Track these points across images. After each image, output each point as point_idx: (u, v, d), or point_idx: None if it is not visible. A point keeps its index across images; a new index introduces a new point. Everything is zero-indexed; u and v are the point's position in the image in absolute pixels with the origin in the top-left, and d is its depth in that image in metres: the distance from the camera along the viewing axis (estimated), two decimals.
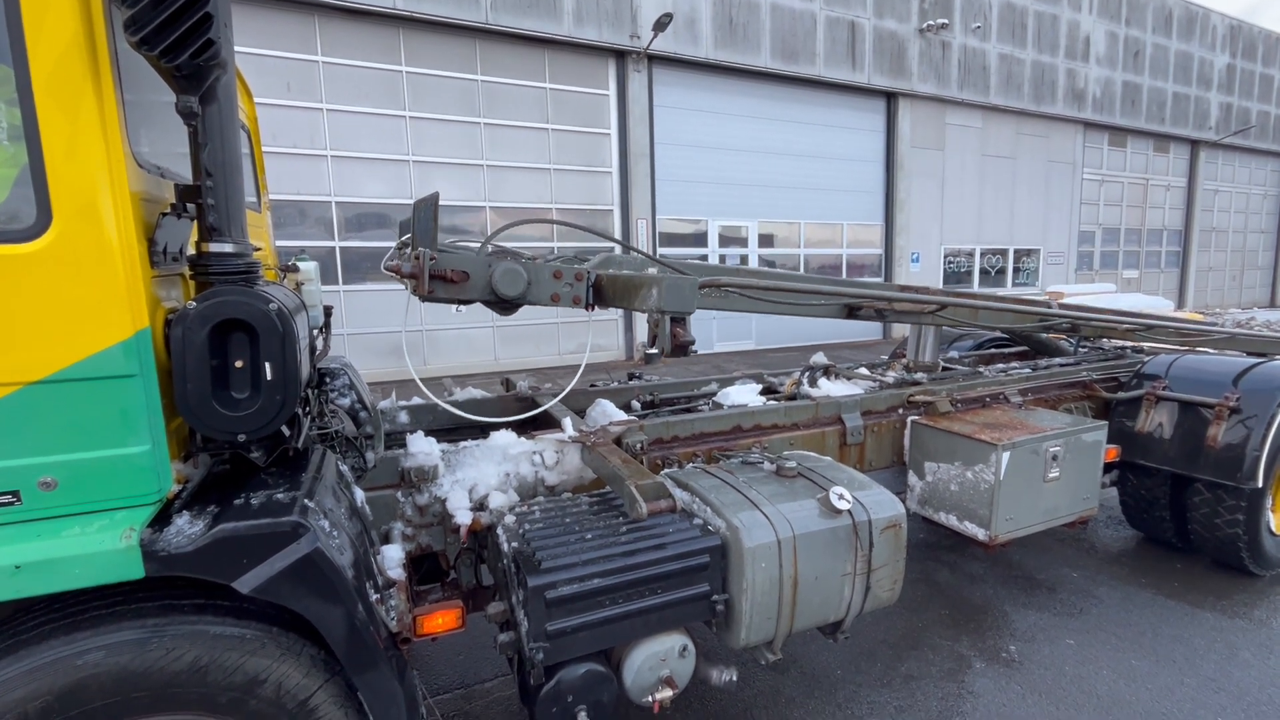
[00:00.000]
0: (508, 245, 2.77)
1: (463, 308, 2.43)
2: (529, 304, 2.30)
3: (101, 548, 1.44)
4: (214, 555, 1.51)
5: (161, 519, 1.56)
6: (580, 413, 3.21)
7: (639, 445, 2.84)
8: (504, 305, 2.27)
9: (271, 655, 1.62)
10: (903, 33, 15.59)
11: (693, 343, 3.25)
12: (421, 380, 2.95)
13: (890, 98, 15.95)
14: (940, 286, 17.51)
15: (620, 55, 12.61)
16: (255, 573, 1.53)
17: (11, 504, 1.43)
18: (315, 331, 2.66)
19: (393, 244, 2.82)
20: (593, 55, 12.49)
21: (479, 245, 2.46)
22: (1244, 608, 3.74)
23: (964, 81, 16.79)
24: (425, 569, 2.69)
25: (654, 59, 12.85)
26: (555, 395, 3.53)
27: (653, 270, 3.41)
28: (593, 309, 2.37)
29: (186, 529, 1.53)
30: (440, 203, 2.28)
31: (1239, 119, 23.50)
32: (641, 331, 12.86)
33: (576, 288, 2.29)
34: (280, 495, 1.70)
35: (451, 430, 3.38)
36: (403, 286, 2.36)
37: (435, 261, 2.14)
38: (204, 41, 1.43)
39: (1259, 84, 24.10)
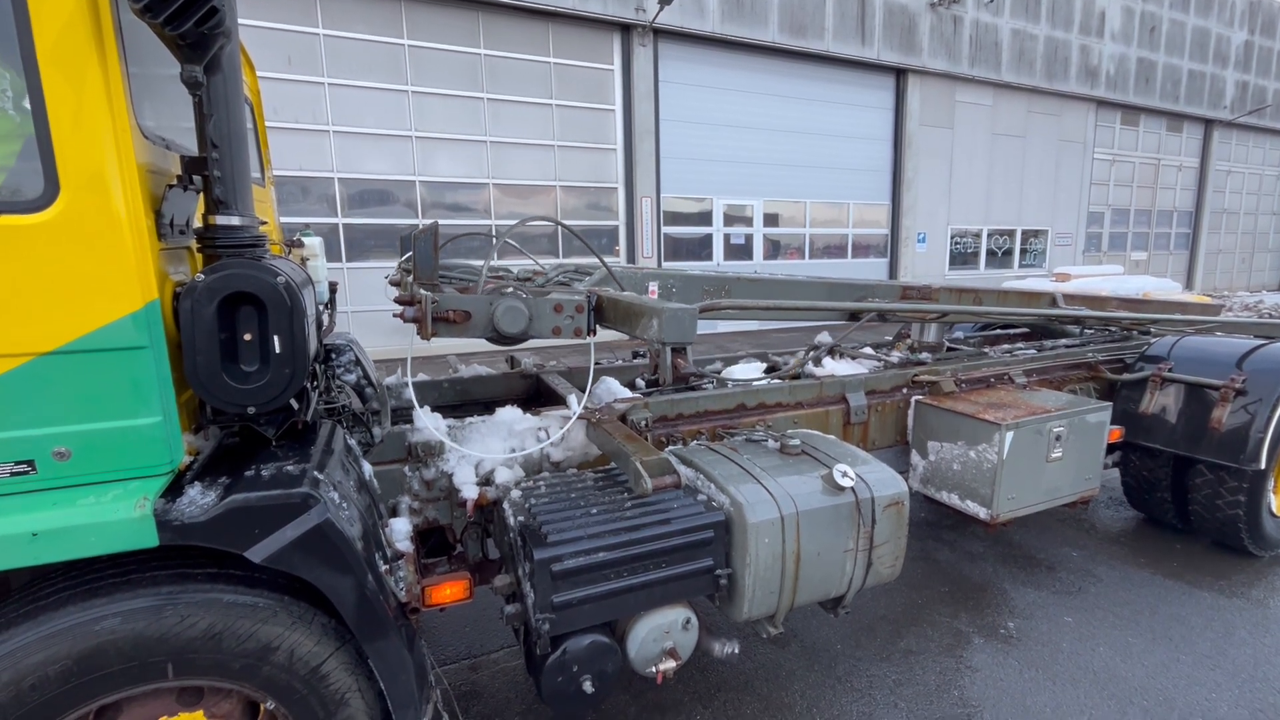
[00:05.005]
0: (513, 231, 2.76)
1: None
2: (531, 338, 2.30)
3: (116, 516, 1.46)
4: (226, 525, 1.53)
5: (174, 490, 1.58)
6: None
7: (644, 422, 2.85)
8: (506, 340, 2.27)
9: (283, 623, 1.66)
10: (914, 7, 15.27)
11: (694, 373, 3.27)
12: (427, 358, 2.96)
13: (900, 74, 15.68)
14: (946, 268, 17.42)
15: (625, 29, 12.40)
16: (267, 542, 1.56)
17: (27, 473, 1.45)
18: (321, 307, 2.67)
19: (395, 221, 2.81)
20: (597, 29, 12.28)
21: (482, 262, 2.45)
22: (1242, 587, 3.78)
23: (975, 58, 16.49)
24: (432, 543, 2.73)
25: (660, 33, 12.63)
26: (559, 372, 3.55)
27: (653, 286, 3.44)
28: (594, 334, 2.36)
29: (199, 499, 1.55)
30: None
31: (1255, 98, 23.06)
32: None
33: (577, 319, 2.28)
34: (290, 467, 1.72)
35: (458, 406, 3.40)
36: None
37: (437, 304, 2.13)
38: (208, 9, 1.42)
39: (1276, 62, 23.61)
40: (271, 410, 1.72)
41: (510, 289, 2.29)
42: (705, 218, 14.19)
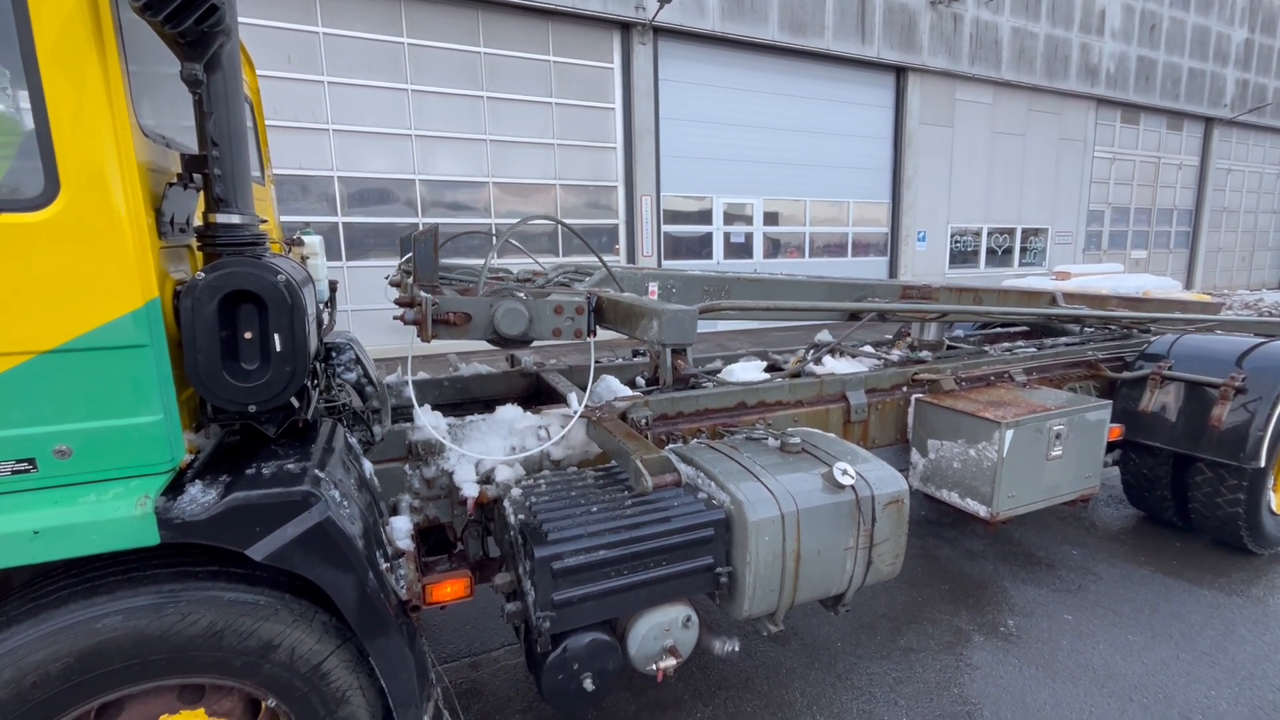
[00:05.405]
0: (516, 228, 2.76)
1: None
2: (532, 340, 2.29)
3: (117, 514, 1.46)
4: (227, 523, 1.54)
5: (175, 488, 1.58)
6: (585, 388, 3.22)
7: (644, 420, 2.86)
8: (508, 343, 2.26)
9: (284, 621, 1.66)
10: (914, 5, 15.25)
11: (694, 374, 3.27)
12: (428, 357, 2.96)
13: (900, 72, 15.66)
14: (946, 267, 17.40)
15: (625, 27, 12.39)
16: (268, 540, 1.56)
17: (28, 471, 1.45)
18: (321, 305, 2.67)
19: (395, 219, 2.80)
20: (597, 27, 12.27)
21: (482, 263, 2.45)
22: (1242, 585, 3.78)
23: (975, 56, 16.47)
24: (433, 541, 2.73)
25: (659, 31, 12.62)
26: (560, 370, 3.55)
27: (653, 286, 3.44)
28: (594, 335, 2.37)
29: (200, 497, 1.55)
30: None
31: (1255, 96, 23.03)
32: None
33: (578, 321, 2.28)
34: (291, 465, 1.72)
35: (458, 404, 3.40)
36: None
37: (437, 306, 2.13)
38: (208, 7, 1.42)
39: (1277, 60, 23.58)
40: (272, 408, 1.72)
41: (512, 291, 2.29)
42: (705, 216, 14.17)
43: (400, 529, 2.14)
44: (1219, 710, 2.79)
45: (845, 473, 2.37)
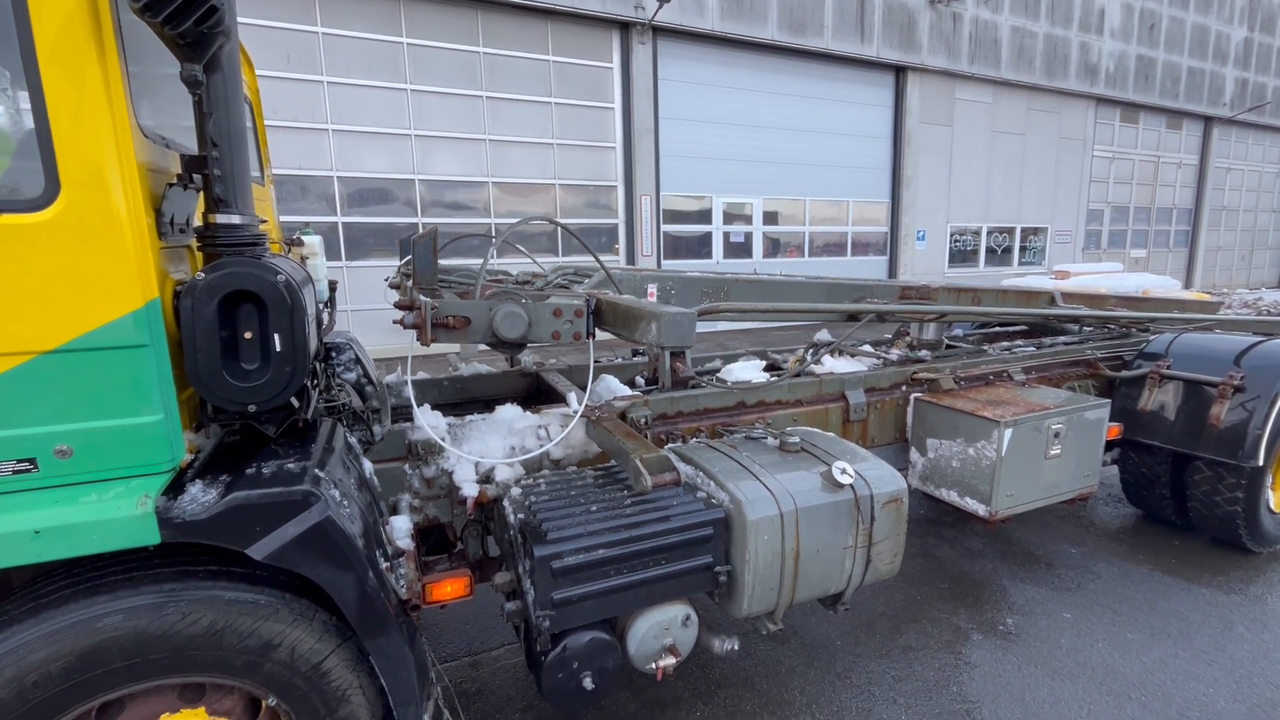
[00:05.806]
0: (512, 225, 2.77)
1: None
2: (531, 343, 2.29)
3: (118, 514, 1.47)
4: (228, 522, 1.54)
5: (175, 487, 1.58)
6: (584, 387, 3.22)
7: (643, 420, 2.86)
8: (507, 346, 2.26)
9: (285, 620, 1.66)
10: (913, 4, 15.25)
11: (693, 377, 3.28)
12: (428, 356, 2.96)
13: (899, 72, 15.66)
14: (945, 266, 17.41)
15: (624, 27, 12.39)
16: (268, 540, 1.57)
17: (29, 471, 1.45)
18: (321, 305, 2.67)
19: (395, 219, 2.80)
20: (596, 27, 12.27)
21: (481, 263, 2.46)
22: (1240, 584, 3.79)
23: (975, 55, 16.47)
24: (433, 540, 2.73)
25: (659, 31, 12.61)
26: (559, 370, 3.55)
27: (652, 288, 3.45)
28: (593, 337, 2.37)
29: (200, 497, 1.55)
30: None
31: (1254, 95, 23.04)
32: None
33: (577, 324, 2.29)
34: (291, 465, 1.73)
35: (458, 404, 3.41)
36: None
37: (436, 310, 2.14)
38: (207, 8, 1.42)
39: (1276, 58, 23.58)
40: (272, 408, 1.72)
41: (511, 294, 2.29)
42: (705, 216, 14.18)
43: (400, 528, 2.14)
44: (1217, 708, 2.80)
45: (844, 472, 2.37)
